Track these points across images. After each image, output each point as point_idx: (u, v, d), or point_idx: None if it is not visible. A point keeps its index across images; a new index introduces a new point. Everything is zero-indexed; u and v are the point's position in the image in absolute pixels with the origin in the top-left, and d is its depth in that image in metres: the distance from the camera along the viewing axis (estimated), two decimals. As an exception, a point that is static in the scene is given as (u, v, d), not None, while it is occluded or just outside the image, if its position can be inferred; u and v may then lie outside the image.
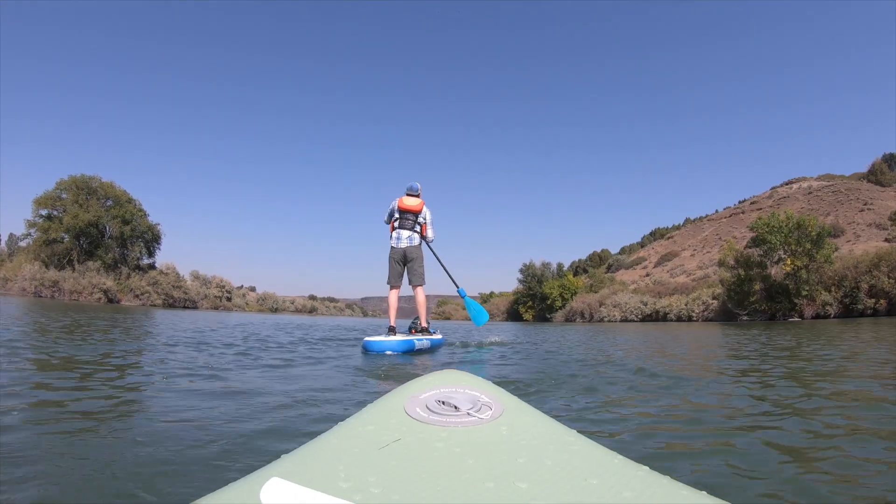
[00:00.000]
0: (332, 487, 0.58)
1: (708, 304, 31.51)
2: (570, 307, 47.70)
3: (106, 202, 36.13)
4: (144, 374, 3.00)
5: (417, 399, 0.86)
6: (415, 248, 6.11)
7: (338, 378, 3.14)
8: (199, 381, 2.74)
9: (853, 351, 5.42)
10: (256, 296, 52.37)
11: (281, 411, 2.04)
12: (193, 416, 1.92)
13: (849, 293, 23.51)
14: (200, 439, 1.59)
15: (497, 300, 65.54)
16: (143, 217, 37.79)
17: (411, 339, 5.48)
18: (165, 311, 20.64)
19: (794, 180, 66.31)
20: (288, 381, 2.94)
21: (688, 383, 3.02)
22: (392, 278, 6.11)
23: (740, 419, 2.06)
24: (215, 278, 44.51)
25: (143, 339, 5.75)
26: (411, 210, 6.12)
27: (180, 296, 37.66)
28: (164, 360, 3.61)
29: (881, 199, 47.75)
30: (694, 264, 52.52)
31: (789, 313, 24.58)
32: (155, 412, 2.00)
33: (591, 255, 78.34)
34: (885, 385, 2.95)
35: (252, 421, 1.86)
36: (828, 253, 24.27)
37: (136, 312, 15.94)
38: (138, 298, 34.21)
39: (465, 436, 0.74)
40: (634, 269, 62.49)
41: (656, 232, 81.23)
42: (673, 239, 67.95)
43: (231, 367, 3.41)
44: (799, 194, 56.69)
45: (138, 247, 37.42)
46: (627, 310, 40.64)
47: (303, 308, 56.35)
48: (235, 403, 2.17)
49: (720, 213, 69.86)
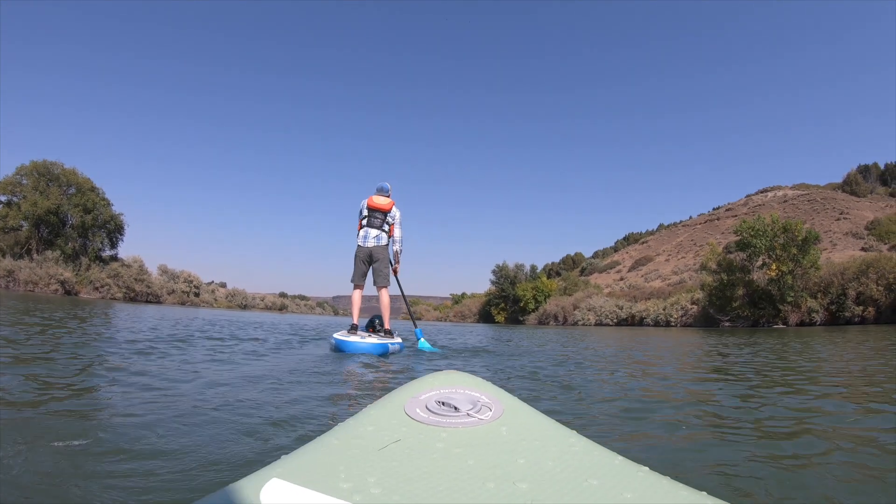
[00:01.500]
0: (332, 488, 0.59)
1: (687, 309, 30.37)
2: (543, 310, 46.82)
3: (68, 189, 34.41)
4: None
5: (417, 400, 0.86)
6: (381, 249, 5.94)
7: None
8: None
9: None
10: (226, 292, 52.06)
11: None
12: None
13: (835, 300, 22.46)
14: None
15: (469, 301, 64.00)
16: (106, 206, 36.14)
17: (386, 343, 5.31)
18: (124, 305, 19.64)
19: (769, 189, 66.59)
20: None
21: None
22: (356, 277, 5.93)
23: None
24: (183, 273, 43.39)
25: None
26: (380, 208, 5.97)
27: (142, 289, 36.08)
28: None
29: (857, 208, 47.93)
30: (669, 269, 51.90)
31: (773, 320, 23.46)
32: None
33: (565, 258, 77.48)
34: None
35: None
36: (814, 258, 23.23)
37: (87, 305, 14.73)
38: (98, 291, 32.74)
39: (466, 436, 0.74)
40: (608, 272, 61.74)
41: (630, 237, 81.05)
42: (647, 244, 67.52)
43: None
44: (774, 202, 56.69)
45: (100, 237, 35.86)
46: (602, 313, 39.59)
47: (272, 305, 55.96)
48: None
49: (694, 219, 69.73)
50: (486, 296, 57.42)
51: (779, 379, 3.65)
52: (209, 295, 46.00)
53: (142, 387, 2.35)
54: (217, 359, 3.74)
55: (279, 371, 3.22)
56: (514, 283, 52.68)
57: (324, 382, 2.86)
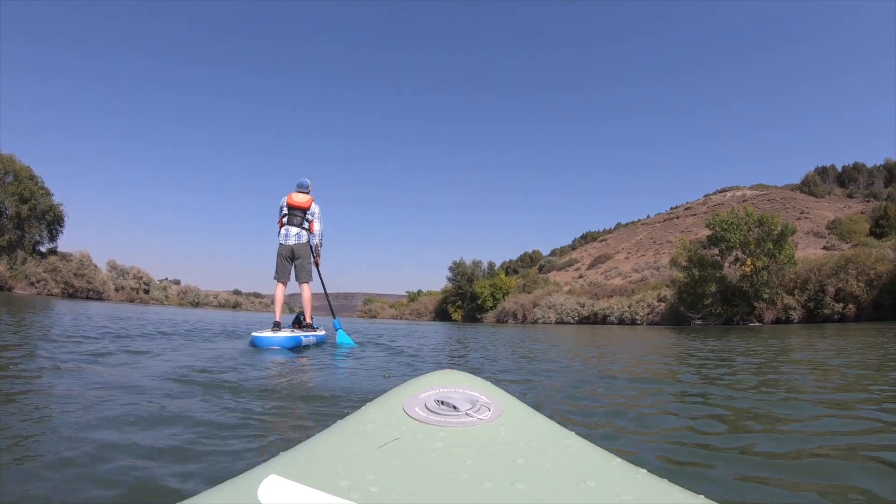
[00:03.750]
0: (330, 485, 0.58)
1: (653, 307, 28.75)
2: (501, 307, 44.82)
3: (6, 177, 31.76)
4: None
5: (416, 398, 0.85)
6: (303, 246, 6.03)
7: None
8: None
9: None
10: (178, 289, 50.31)
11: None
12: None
13: (813, 297, 21.05)
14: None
15: (425, 299, 61.37)
16: (45, 196, 33.43)
17: (298, 336, 5.39)
18: (57, 302, 18.28)
19: (728, 189, 66.98)
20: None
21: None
22: (280, 274, 6.01)
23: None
24: (133, 269, 41.33)
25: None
26: (300, 206, 6.03)
27: (83, 285, 33.48)
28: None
29: (817, 208, 48.17)
30: (629, 267, 50.88)
31: (747, 317, 21.89)
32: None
33: (522, 256, 75.87)
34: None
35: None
36: (790, 253, 21.79)
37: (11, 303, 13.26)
38: (34, 286, 30.45)
39: (464, 436, 0.74)
40: (567, 270, 60.46)
41: (588, 235, 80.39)
42: (606, 242, 66.73)
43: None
44: (733, 202, 56.53)
45: (37, 228, 33.22)
46: (563, 311, 37.81)
47: (226, 303, 54.35)
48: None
49: (653, 217, 69.42)
50: (443, 293, 55.00)
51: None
52: (160, 292, 43.92)
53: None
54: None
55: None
56: (472, 280, 50.47)
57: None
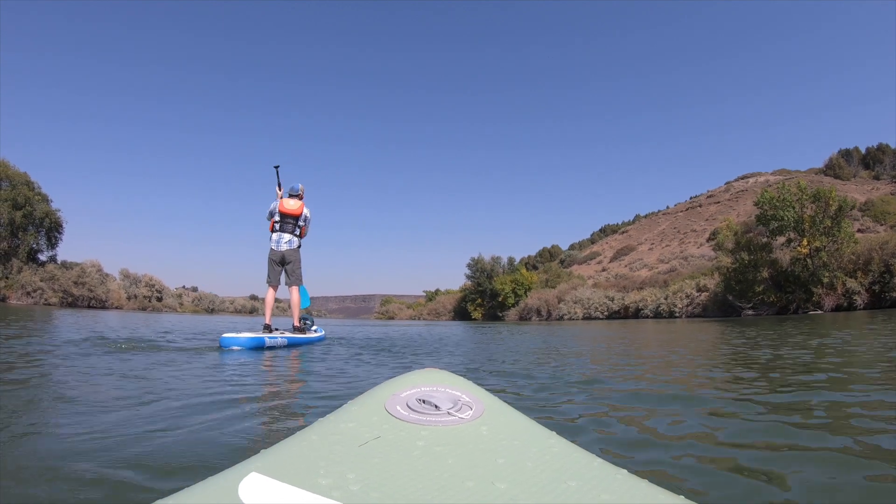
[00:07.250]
0: (311, 484, 0.58)
1: (693, 298, 27.04)
2: (524, 304, 42.99)
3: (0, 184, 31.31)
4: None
5: (398, 397, 0.85)
6: (293, 251, 6.34)
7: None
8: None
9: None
10: (194, 296, 49.34)
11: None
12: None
13: (878, 279, 19.28)
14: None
15: (443, 298, 59.78)
16: (42, 202, 32.63)
17: (262, 337, 5.34)
18: (54, 311, 17.78)
19: (749, 175, 64.85)
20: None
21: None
22: (271, 278, 6.31)
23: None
24: (145, 276, 40.90)
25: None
26: (292, 214, 6.33)
27: (83, 293, 32.25)
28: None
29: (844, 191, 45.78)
30: (654, 258, 49.08)
31: (804, 305, 20.17)
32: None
33: (541, 251, 74.17)
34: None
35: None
36: (850, 231, 20.04)
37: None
38: (30, 296, 29.53)
39: (446, 435, 0.73)
40: (589, 263, 58.74)
41: (607, 228, 78.54)
42: (627, 234, 64.89)
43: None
44: (756, 188, 54.41)
45: (33, 236, 32.31)
46: (591, 306, 36.11)
47: (242, 308, 53.61)
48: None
49: (673, 207, 67.47)
50: (462, 291, 53.38)
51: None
52: (174, 300, 43.25)
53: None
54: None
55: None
56: (491, 276, 48.79)
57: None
